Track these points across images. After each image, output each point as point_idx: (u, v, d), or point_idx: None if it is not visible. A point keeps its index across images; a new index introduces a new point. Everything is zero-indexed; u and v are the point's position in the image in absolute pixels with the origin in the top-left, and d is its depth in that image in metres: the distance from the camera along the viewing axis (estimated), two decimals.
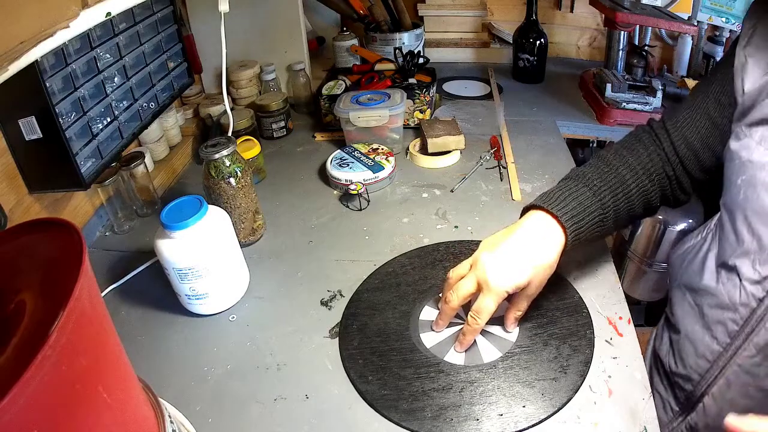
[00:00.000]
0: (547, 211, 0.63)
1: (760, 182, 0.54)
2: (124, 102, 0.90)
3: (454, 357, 0.64)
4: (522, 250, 0.62)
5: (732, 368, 0.59)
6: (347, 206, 0.96)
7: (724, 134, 0.62)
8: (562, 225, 0.62)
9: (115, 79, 0.87)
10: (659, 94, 1.20)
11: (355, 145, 1.05)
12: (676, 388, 0.69)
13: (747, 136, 0.56)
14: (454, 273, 0.66)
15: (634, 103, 1.21)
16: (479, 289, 0.62)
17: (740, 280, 0.57)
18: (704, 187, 0.70)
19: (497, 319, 0.68)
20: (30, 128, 0.72)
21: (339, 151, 1.04)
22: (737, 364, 0.58)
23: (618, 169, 0.67)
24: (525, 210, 0.67)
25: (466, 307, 0.70)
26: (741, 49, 0.59)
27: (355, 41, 1.43)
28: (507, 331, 0.67)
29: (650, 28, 1.45)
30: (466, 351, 0.65)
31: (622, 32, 1.34)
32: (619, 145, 0.71)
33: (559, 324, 0.67)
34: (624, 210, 0.67)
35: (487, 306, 0.61)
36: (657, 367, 0.75)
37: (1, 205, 0.71)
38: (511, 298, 0.64)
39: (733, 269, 0.58)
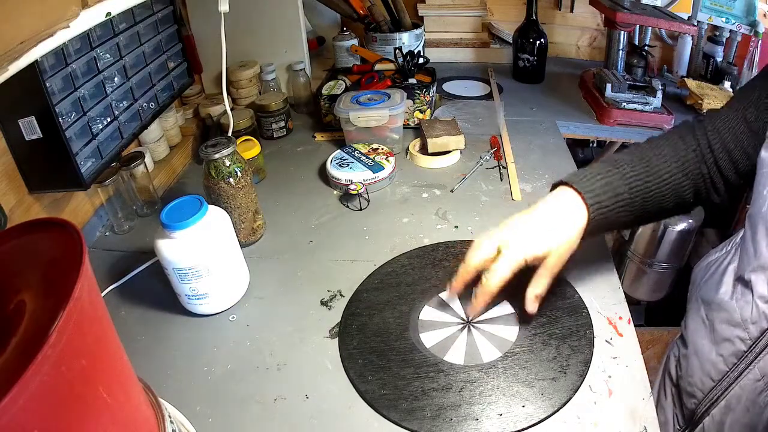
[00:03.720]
0: (573, 188, 0.63)
1: None
2: (124, 102, 0.90)
3: (454, 357, 0.64)
4: (545, 221, 0.62)
5: (734, 391, 0.57)
6: (347, 206, 0.96)
7: (761, 139, 0.60)
8: (586, 202, 0.62)
9: (115, 79, 0.87)
10: (659, 94, 1.20)
11: (355, 145, 1.05)
12: (683, 403, 0.68)
13: None
14: (480, 238, 0.67)
15: (634, 103, 1.21)
16: (498, 254, 0.62)
17: (753, 296, 0.54)
18: (737, 189, 0.67)
19: (497, 319, 0.68)
20: (30, 128, 0.72)
21: (339, 151, 1.04)
22: (740, 386, 0.56)
23: (651, 159, 0.65)
24: (554, 186, 0.67)
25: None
26: None
27: (355, 41, 1.43)
28: (525, 311, 0.66)
29: (650, 28, 1.45)
30: (460, 349, 0.65)
31: (622, 32, 1.34)
32: (659, 137, 0.69)
33: (559, 324, 0.67)
34: (654, 200, 0.65)
35: (500, 268, 0.61)
36: (666, 380, 0.74)
37: (1, 205, 0.71)
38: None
39: (747, 284, 0.56)
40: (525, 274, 0.63)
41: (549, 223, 0.62)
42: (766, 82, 0.61)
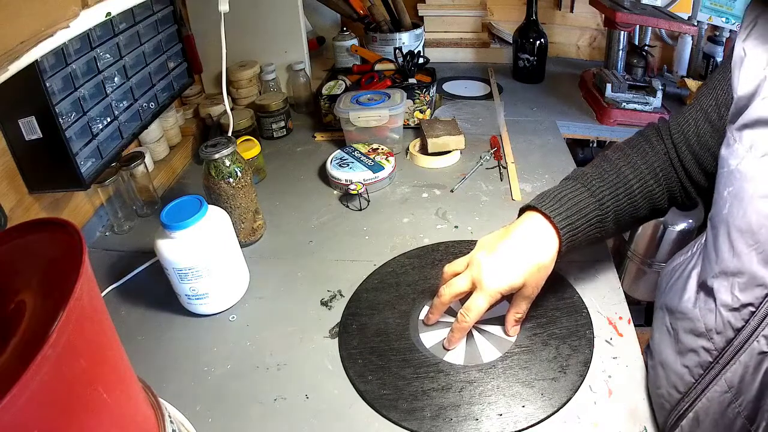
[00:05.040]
0: (542, 213, 0.62)
1: (747, 196, 0.48)
2: (124, 102, 0.90)
3: (454, 357, 0.64)
4: (517, 251, 0.61)
5: (702, 403, 0.53)
6: (347, 206, 0.96)
7: (722, 137, 0.57)
8: (555, 227, 0.61)
9: (115, 79, 0.87)
10: (659, 94, 1.20)
11: (355, 145, 1.05)
12: (654, 415, 0.64)
13: (737, 141, 0.51)
14: (449, 268, 0.66)
15: (634, 103, 1.21)
16: (473, 288, 0.62)
17: (716, 304, 0.51)
18: (707, 192, 0.64)
19: (497, 319, 0.68)
20: (30, 128, 0.72)
21: (339, 151, 1.04)
22: (707, 398, 0.53)
23: (620, 169, 0.64)
24: (522, 210, 0.66)
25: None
26: (740, 43, 0.54)
27: (355, 41, 1.43)
28: (508, 334, 0.67)
29: (650, 28, 1.45)
30: (460, 349, 0.65)
31: (622, 32, 1.34)
32: (625, 144, 0.68)
33: (559, 324, 0.67)
34: (626, 212, 0.64)
35: (478, 305, 0.61)
36: None
37: (1, 205, 0.71)
38: (510, 300, 0.64)
39: (710, 291, 0.52)
40: None
41: (523, 255, 0.61)
42: (722, 75, 0.60)
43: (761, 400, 0.48)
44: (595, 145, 1.67)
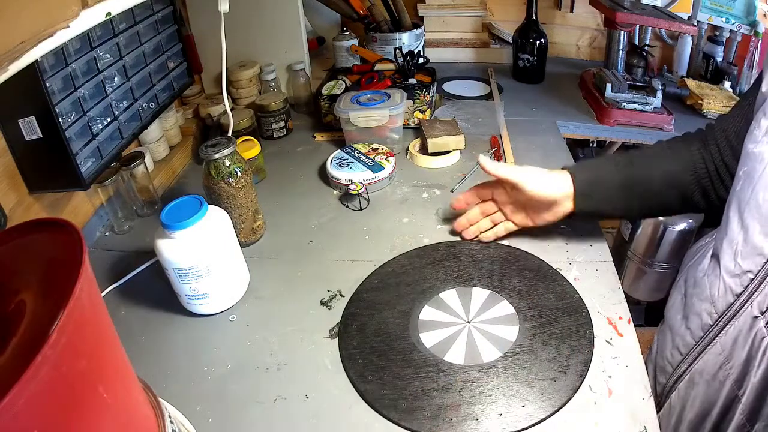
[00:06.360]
0: (568, 171, 0.72)
1: (757, 175, 0.53)
2: (124, 102, 0.90)
3: (454, 357, 0.64)
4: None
5: (698, 365, 0.58)
6: (347, 206, 0.96)
7: None
8: (574, 183, 0.71)
9: (115, 79, 0.87)
10: (659, 94, 1.20)
11: (355, 145, 1.05)
12: (656, 380, 0.70)
13: (756, 127, 0.56)
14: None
15: (634, 103, 1.21)
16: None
17: (720, 270, 0.56)
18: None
19: (497, 319, 0.68)
20: (30, 128, 0.72)
21: (339, 151, 1.04)
22: (703, 360, 0.57)
23: (646, 152, 0.71)
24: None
25: (466, 309, 0.70)
26: None
27: (355, 41, 1.43)
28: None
29: (650, 28, 1.45)
30: (460, 349, 0.65)
31: (622, 32, 1.34)
32: (665, 141, 0.74)
33: (559, 324, 0.67)
34: (648, 188, 0.70)
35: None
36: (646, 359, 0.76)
37: (1, 205, 0.71)
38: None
39: (718, 259, 0.58)
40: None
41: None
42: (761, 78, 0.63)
43: (749, 365, 0.52)
44: (595, 145, 1.68)
